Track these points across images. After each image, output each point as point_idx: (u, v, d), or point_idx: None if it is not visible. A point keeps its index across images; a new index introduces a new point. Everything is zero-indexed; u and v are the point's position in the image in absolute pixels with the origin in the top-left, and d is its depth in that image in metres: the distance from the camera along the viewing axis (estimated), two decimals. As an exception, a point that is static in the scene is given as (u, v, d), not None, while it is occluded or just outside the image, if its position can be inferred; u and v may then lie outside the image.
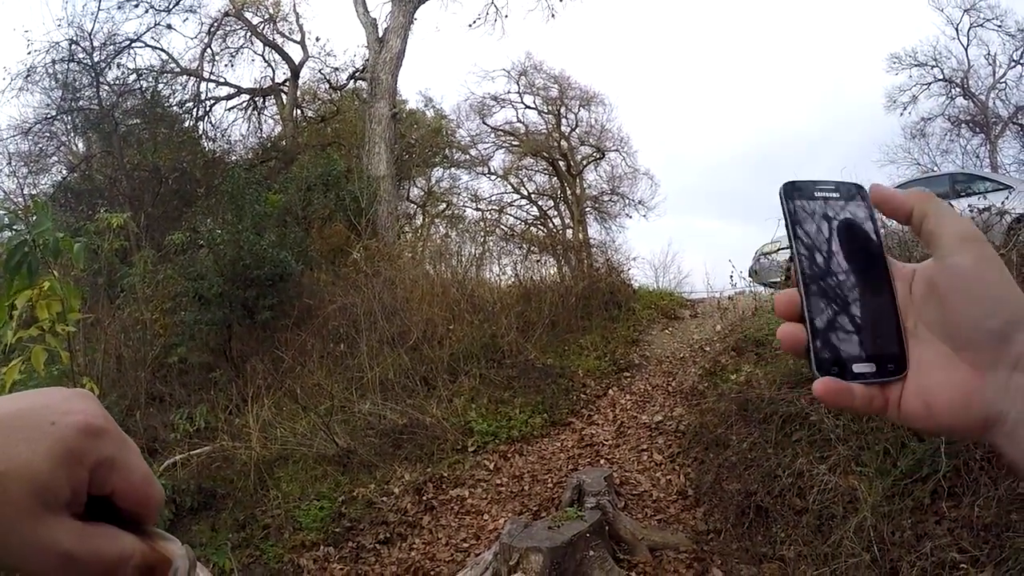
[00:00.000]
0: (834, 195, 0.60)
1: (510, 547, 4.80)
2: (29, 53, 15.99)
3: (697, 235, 36.53)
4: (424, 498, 6.53)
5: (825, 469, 4.79)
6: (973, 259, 0.50)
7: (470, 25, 20.40)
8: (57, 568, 0.41)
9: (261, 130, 21.61)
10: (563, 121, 24.13)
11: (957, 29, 21.29)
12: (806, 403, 5.34)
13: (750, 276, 10.23)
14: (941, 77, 22.09)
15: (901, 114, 22.67)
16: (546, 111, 24.28)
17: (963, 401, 0.49)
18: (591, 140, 24.17)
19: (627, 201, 24.26)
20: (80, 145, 17.62)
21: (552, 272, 12.90)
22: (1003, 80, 21.09)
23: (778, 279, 9.64)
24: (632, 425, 7.55)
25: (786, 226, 0.59)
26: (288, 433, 7.66)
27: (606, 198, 24.58)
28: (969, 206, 7.26)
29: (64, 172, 17.07)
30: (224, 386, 9.12)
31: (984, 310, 0.49)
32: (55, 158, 17.82)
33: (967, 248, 0.50)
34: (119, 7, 16.74)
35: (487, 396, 8.04)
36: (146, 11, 17.24)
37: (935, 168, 19.65)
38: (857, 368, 0.54)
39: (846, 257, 0.57)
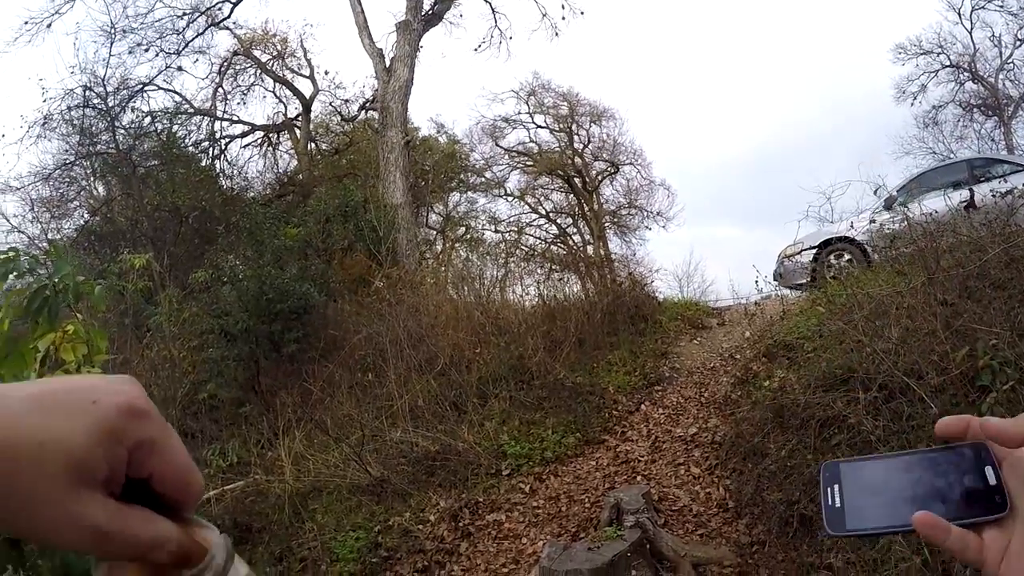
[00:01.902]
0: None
1: (550, 571, 4.73)
2: (45, 101, 16.23)
3: (718, 242, 36.35)
4: (460, 524, 6.47)
5: (868, 473, 4.68)
6: None
7: (475, 49, 20.27)
8: (89, 544, 0.41)
9: (277, 165, 21.87)
10: (575, 138, 24.13)
11: (959, 13, 21.21)
12: (843, 405, 5.24)
13: (775, 280, 10.09)
14: (948, 63, 21.98)
15: (912, 104, 22.55)
16: (558, 129, 24.30)
17: None
18: (604, 155, 24.13)
19: (645, 213, 24.16)
20: (100, 189, 17.82)
21: (576, 289, 12.83)
22: (1010, 60, 21.05)
23: (803, 280, 9.51)
24: (667, 439, 7.45)
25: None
26: (320, 465, 7.64)
27: (624, 212, 24.51)
28: (991, 190, 7.12)
29: (86, 216, 17.30)
30: (255, 420, 9.13)
31: None
32: (76, 202, 18.08)
33: None
34: (130, 52, 17.10)
35: (518, 418, 7.97)
36: (157, 55, 17.58)
37: (951, 155, 19.42)
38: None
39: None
